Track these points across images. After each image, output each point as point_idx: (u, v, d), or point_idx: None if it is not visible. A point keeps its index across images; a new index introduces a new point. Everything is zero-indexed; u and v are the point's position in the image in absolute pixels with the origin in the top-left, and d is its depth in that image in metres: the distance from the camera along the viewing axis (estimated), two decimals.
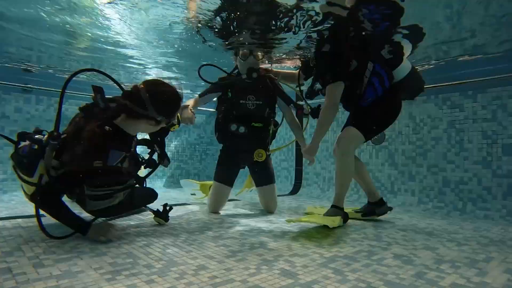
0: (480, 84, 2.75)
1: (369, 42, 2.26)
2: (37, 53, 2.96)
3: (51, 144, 1.57)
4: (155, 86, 1.63)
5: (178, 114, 1.79)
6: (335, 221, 2.03)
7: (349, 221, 2.34)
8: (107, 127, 1.57)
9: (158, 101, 1.59)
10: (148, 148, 1.95)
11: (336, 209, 2.21)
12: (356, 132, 2.17)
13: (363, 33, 2.18)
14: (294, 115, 2.63)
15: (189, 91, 4.50)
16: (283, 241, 1.78)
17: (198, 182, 3.28)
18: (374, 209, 2.40)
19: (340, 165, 2.23)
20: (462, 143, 2.86)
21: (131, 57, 3.01)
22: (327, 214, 2.21)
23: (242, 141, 2.54)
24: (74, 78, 1.66)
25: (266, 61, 2.90)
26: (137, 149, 1.94)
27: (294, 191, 4.08)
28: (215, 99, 2.68)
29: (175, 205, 2.88)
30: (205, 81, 2.49)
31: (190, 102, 2.44)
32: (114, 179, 1.74)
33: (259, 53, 2.50)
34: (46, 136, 1.64)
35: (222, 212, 2.63)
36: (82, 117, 1.69)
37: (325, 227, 2.07)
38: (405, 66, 2.23)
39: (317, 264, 1.40)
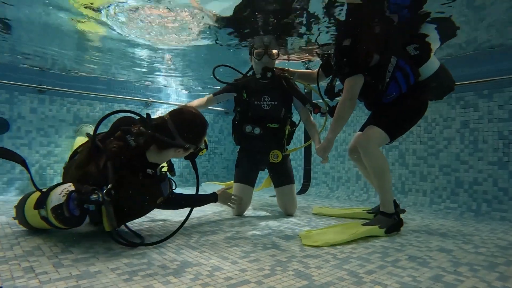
0: (496, 83, 2.69)
1: (392, 35, 2.15)
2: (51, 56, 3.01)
3: (108, 202, 1.45)
4: (180, 115, 1.67)
5: (205, 139, 1.84)
6: (358, 231, 1.85)
7: (360, 221, 2.31)
8: (149, 171, 1.67)
9: (184, 130, 1.64)
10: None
11: (382, 216, 2.00)
12: (380, 131, 2.02)
13: (386, 24, 2.08)
14: (310, 114, 2.58)
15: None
16: (295, 241, 1.78)
17: (221, 183, 3.30)
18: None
19: (370, 167, 2.03)
20: (477, 144, 2.81)
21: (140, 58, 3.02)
22: (367, 223, 2.00)
23: (257, 142, 2.52)
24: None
25: (285, 56, 2.83)
26: None
27: (303, 190, 4.07)
28: (227, 100, 2.66)
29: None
30: (219, 81, 2.48)
31: (194, 103, 2.50)
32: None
33: (274, 51, 2.43)
34: (100, 194, 1.45)
35: (231, 212, 2.64)
36: (116, 158, 1.59)
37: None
38: (432, 63, 2.09)
39: (331, 266, 1.40)
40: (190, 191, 3.78)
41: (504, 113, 2.67)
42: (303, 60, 3.05)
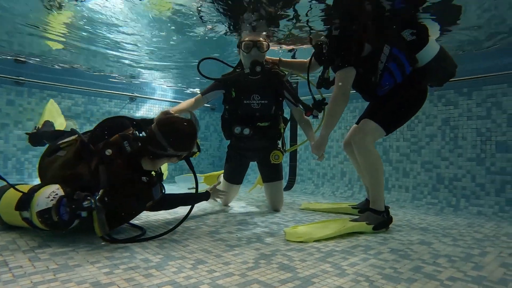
0: (475, 82, 2.77)
1: (385, 22, 2.04)
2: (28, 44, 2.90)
3: (101, 208, 1.46)
4: (168, 126, 1.64)
5: (198, 141, 1.82)
6: (345, 226, 1.83)
7: (345, 216, 2.34)
8: (144, 178, 1.66)
9: (174, 140, 1.62)
10: None
11: (370, 213, 1.96)
12: (375, 125, 1.95)
13: (378, 10, 1.93)
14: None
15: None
16: (279, 236, 1.78)
17: (201, 175, 3.29)
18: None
19: (363, 163, 1.98)
20: (457, 140, 2.88)
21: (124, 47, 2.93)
22: (355, 219, 1.96)
23: (247, 142, 2.47)
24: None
25: (278, 47, 2.67)
26: None
27: (288, 187, 4.09)
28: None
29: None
30: (204, 76, 2.33)
31: (182, 106, 2.41)
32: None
33: (264, 43, 2.27)
34: (92, 200, 1.44)
35: (216, 206, 2.63)
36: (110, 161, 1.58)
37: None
38: (431, 48, 1.95)
39: (315, 259, 1.40)
40: (176, 187, 3.75)
41: (482, 110, 2.75)
42: (293, 48, 2.80)
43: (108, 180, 1.51)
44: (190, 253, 1.43)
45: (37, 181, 1.77)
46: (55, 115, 3.23)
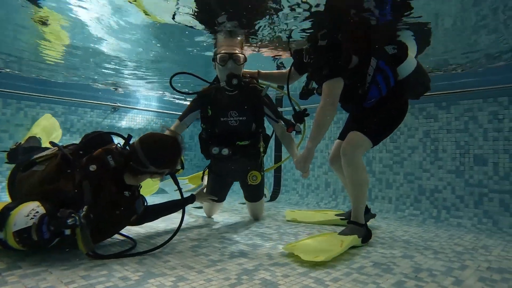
0: (453, 96, 2.86)
1: (372, 35, 2.04)
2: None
3: (85, 225, 1.40)
4: (150, 144, 1.62)
5: (182, 158, 1.80)
6: (344, 241, 1.75)
7: (329, 227, 2.35)
8: (126, 193, 1.65)
9: (155, 158, 1.60)
10: None
11: (355, 226, 1.95)
12: (362, 137, 1.93)
13: (366, 23, 1.92)
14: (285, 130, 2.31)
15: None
16: (262, 249, 1.77)
17: (185, 178, 3.27)
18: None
19: (350, 176, 1.96)
20: (437, 153, 2.95)
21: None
22: (344, 232, 1.92)
23: (227, 163, 2.38)
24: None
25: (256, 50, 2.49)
26: None
27: (273, 197, 4.07)
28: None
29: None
30: (177, 91, 2.25)
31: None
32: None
33: (240, 55, 2.18)
34: (77, 218, 1.37)
35: (200, 219, 2.59)
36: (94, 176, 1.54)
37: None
38: (410, 63, 2.00)
39: (298, 274, 1.39)
40: (157, 198, 3.68)
41: (460, 124, 2.83)
42: (275, 56, 2.68)
43: (93, 195, 1.48)
44: (171, 269, 1.40)
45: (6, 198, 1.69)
46: (50, 131, 3.15)
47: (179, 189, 1.89)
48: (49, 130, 3.14)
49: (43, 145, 2.71)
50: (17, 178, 1.64)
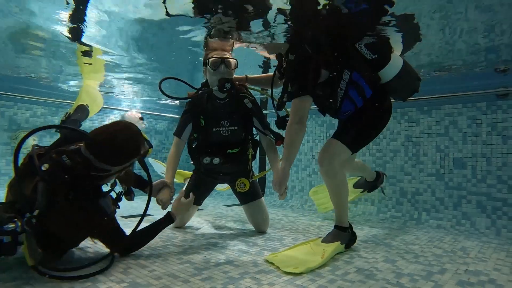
0: (434, 101, 2.94)
1: (343, 41, 1.92)
2: None
3: (30, 232, 1.27)
4: (98, 147, 1.45)
5: (144, 136, 1.64)
6: (327, 251, 1.74)
7: (314, 232, 2.38)
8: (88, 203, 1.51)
9: (108, 161, 1.46)
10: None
11: (339, 231, 1.94)
12: (339, 145, 1.87)
13: (337, 17, 1.80)
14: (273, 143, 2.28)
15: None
16: (248, 256, 1.77)
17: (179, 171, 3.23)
18: (376, 184, 2.79)
19: (329, 185, 1.95)
20: (418, 156, 3.03)
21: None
22: (327, 240, 1.90)
23: (218, 171, 2.37)
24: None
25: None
26: None
27: None
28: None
29: (134, 216, 2.78)
30: (167, 96, 2.18)
31: (170, 165, 2.24)
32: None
33: (232, 61, 2.15)
34: (18, 223, 1.26)
35: (186, 224, 2.57)
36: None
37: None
38: (393, 66, 1.88)
39: (283, 282, 1.41)
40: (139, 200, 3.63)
41: (441, 128, 2.92)
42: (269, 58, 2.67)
43: (47, 199, 1.34)
44: (156, 279, 1.39)
45: None
46: (95, 97, 3.28)
47: (149, 177, 1.75)
48: (94, 96, 3.24)
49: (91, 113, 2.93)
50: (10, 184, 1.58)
